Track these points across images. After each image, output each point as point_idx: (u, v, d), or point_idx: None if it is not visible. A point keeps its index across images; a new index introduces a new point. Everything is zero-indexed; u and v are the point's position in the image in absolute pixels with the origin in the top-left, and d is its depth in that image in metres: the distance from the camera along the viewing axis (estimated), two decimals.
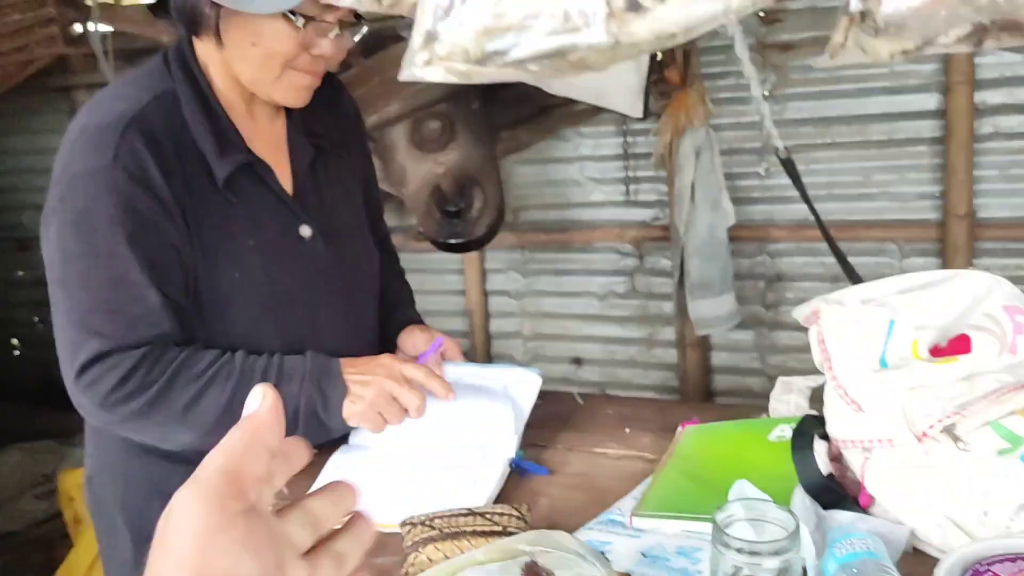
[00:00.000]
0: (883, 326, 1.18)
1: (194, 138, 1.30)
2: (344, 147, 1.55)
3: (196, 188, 1.29)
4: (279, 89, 1.32)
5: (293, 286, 1.38)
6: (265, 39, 1.26)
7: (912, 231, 2.98)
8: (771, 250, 3.17)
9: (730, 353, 3.31)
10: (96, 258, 1.23)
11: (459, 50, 0.44)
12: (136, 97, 1.28)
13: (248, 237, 1.33)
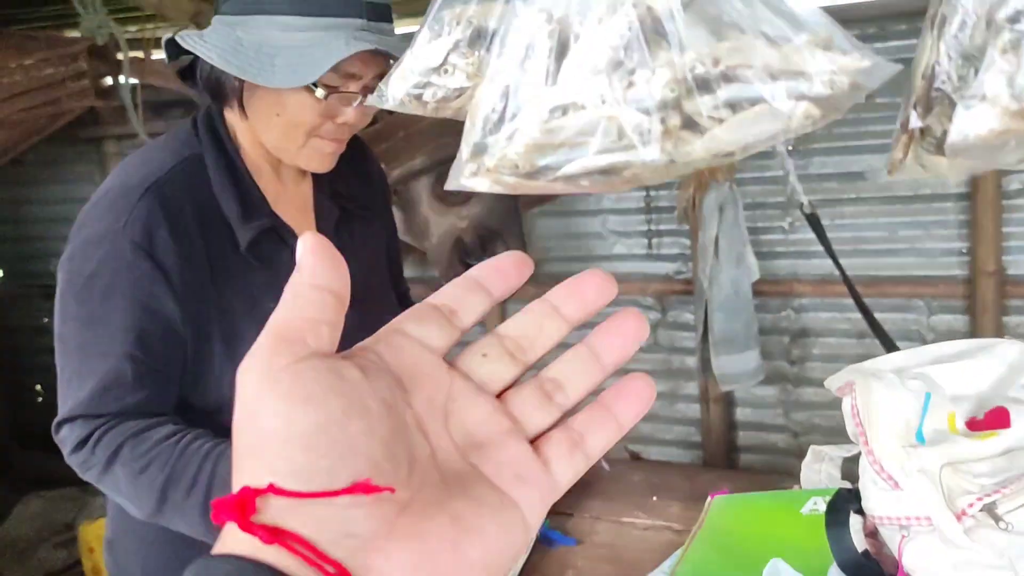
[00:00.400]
0: (919, 400, 1.16)
1: (218, 203, 1.30)
2: (369, 209, 1.55)
3: (218, 253, 1.29)
4: (304, 156, 1.33)
5: None
6: (288, 110, 1.27)
7: (939, 288, 2.95)
8: (796, 305, 3.14)
9: (754, 409, 3.27)
10: (88, 324, 1.23)
11: (508, 163, 0.43)
12: (162, 161, 1.29)
13: (271, 301, 1.32)
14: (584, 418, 0.43)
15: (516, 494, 0.39)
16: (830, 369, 3.13)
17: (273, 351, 0.37)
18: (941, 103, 0.78)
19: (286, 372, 0.36)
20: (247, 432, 0.36)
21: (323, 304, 0.39)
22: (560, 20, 0.48)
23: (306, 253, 0.40)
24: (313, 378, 0.36)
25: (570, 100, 0.44)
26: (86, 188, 3.92)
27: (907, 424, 1.15)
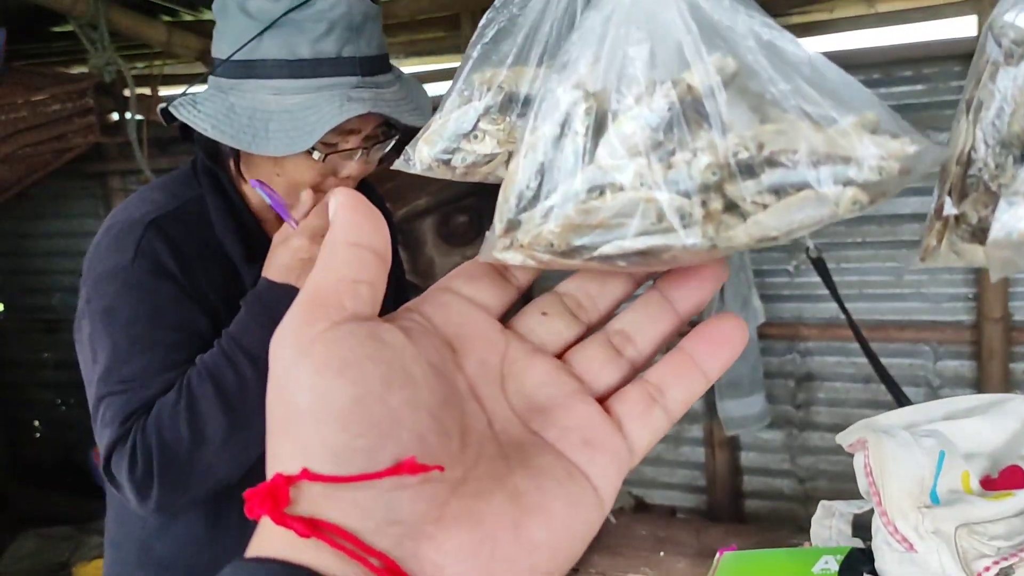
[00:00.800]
0: (932, 458, 1.14)
1: (221, 243, 1.29)
2: None
3: (224, 294, 1.27)
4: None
5: None
6: (287, 171, 1.25)
7: (946, 333, 2.93)
8: (801, 348, 3.12)
9: (759, 453, 3.24)
10: (115, 350, 1.20)
11: (543, 241, 0.42)
12: (163, 202, 1.28)
13: None
14: (662, 369, 0.39)
15: (585, 462, 0.35)
16: (836, 414, 3.13)
17: (307, 317, 0.32)
18: (977, 189, 0.77)
19: (320, 340, 0.32)
20: (278, 410, 0.32)
21: (361, 262, 0.34)
22: (597, 95, 0.47)
23: (340, 209, 0.36)
24: (350, 345, 0.32)
25: (608, 181, 0.43)
26: (89, 223, 3.92)
27: (921, 484, 1.13)
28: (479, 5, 3.25)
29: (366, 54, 1.23)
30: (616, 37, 0.49)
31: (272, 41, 1.19)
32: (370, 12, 1.24)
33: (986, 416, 1.23)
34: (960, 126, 0.83)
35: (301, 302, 0.33)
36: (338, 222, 0.35)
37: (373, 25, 1.26)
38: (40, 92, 3.19)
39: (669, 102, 0.44)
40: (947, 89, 2.84)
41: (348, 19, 1.20)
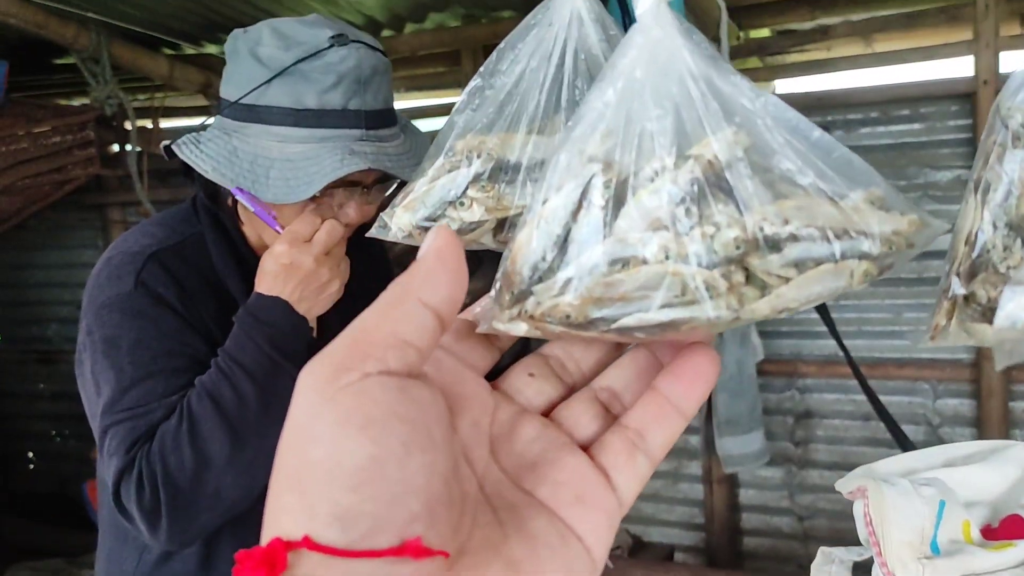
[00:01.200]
0: (933, 508, 1.13)
1: (220, 279, 1.29)
2: (372, 292, 1.53)
3: (223, 331, 1.25)
4: None
5: None
6: (284, 217, 1.24)
7: (945, 371, 2.92)
8: (800, 385, 3.11)
9: (758, 491, 3.21)
10: (119, 378, 1.19)
11: (559, 313, 0.41)
12: (163, 236, 1.28)
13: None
14: (639, 413, 0.38)
15: (577, 521, 0.35)
16: (835, 452, 3.11)
17: (341, 362, 0.30)
18: (986, 269, 0.76)
19: (348, 391, 0.30)
20: (289, 458, 0.30)
21: (423, 325, 0.32)
22: (614, 169, 0.47)
23: (431, 254, 0.33)
24: (377, 400, 0.30)
25: (630, 254, 0.43)
26: (88, 254, 3.92)
27: (922, 534, 1.12)
28: (479, 42, 3.28)
29: (371, 107, 1.23)
30: (632, 110, 0.49)
31: (280, 89, 1.19)
32: (379, 66, 1.25)
33: (986, 463, 1.22)
34: (968, 206, 0.82)
35: (340, 344, 0.31)
36: (420, 269, 0.33)
37: (381, 79, 1.25)
38: (41, 124, 3.20)
39: (693, 176, 0.44)
40: (944, 128, 2.85)
41: (357, 72, 1.20)
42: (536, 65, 0.83)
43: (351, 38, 1.22)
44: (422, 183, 0.79)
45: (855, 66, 2.98)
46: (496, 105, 0.80)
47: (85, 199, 3.85)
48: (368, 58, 1.22)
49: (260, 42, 1.22)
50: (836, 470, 3.01)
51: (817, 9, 2.91)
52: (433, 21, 3.28)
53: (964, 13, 2.77)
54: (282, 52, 1.20)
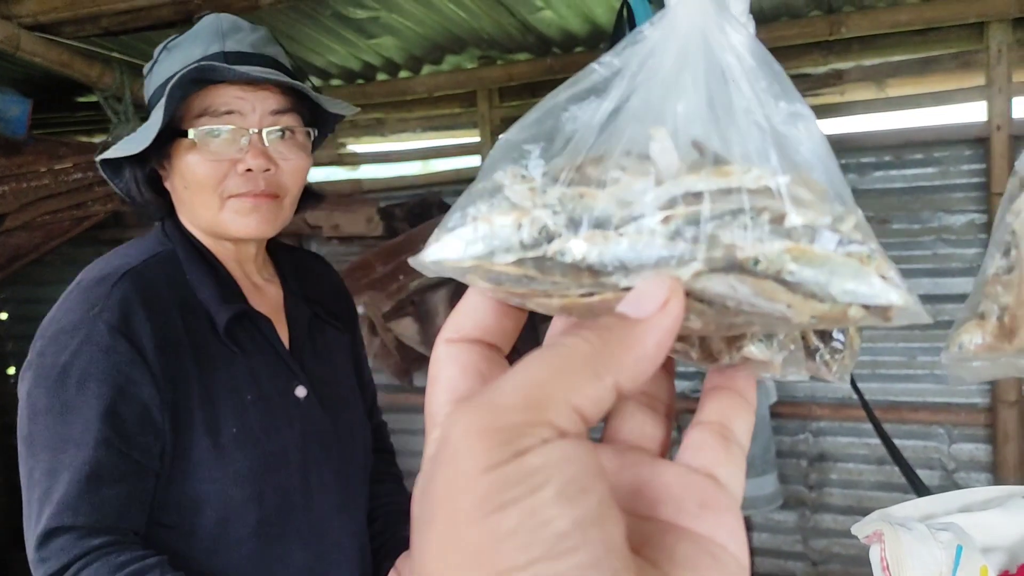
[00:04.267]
0: (950, 553, 1.12)
1: (194, 290, 1.29)
2: (336, 318, 1.52)
3: (199, 338, 1.26)
4: (226, 220, 1.30)
5: (288, 447, 1.31)
6: (186, 175, 1.28)
7: (960, 415, 2.90)
8: (814, 428, 3.09)
9: (771, 535, 3.18)
10: (61, 415, 1.17)
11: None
12: (135, 255, 1.30)
13: (248, 392, 1.29)
14: (714, 406, 0.36)
15: (714, 530, 0.33)
16: (850, 496, 3.08)
17: (518, 425, 0.28)
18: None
19: (533, 455, 0.28)
20: (467, 532, 0.27)
21: (603, 404, 0.30)
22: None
23: (657, 329, 0.31)
24: (566, 461, 0.28)
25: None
26: None
27: None
28: (495, 83, 3.32)
29: (233, 50, 1.28)
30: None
31: (157, 74, 1.31)
32: (242, 24, 1.32)
33: (1004, 509, 1.22)
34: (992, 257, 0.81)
35: (511, 403, 0.29)
36: (627, 339, 0.31)
37: (247, 35, 1.31)
38: (63, 161, 3.24)
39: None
40: (958, 172, 2.86)
41: (215, 25, 1.29)
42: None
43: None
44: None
45: (869, 110, 3.00)
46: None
47: (102, 234, 3.88)
48: (228, 18, 1.31)
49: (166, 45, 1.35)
50: (850, 514, 2.98)
51: (831, 54, 2.94)
52: (450, 63, 3.33)
53: (977, 59, 2.80)
54: (158, 47, 1.34)
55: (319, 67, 3.37)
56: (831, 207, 0.32)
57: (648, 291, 0.31)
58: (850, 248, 0.31)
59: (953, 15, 2.70)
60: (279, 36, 2.95)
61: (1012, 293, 0.34)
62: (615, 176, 0.32)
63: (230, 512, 1.25)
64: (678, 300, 0.31)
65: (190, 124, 1.26)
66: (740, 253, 0.30)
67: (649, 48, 0.36)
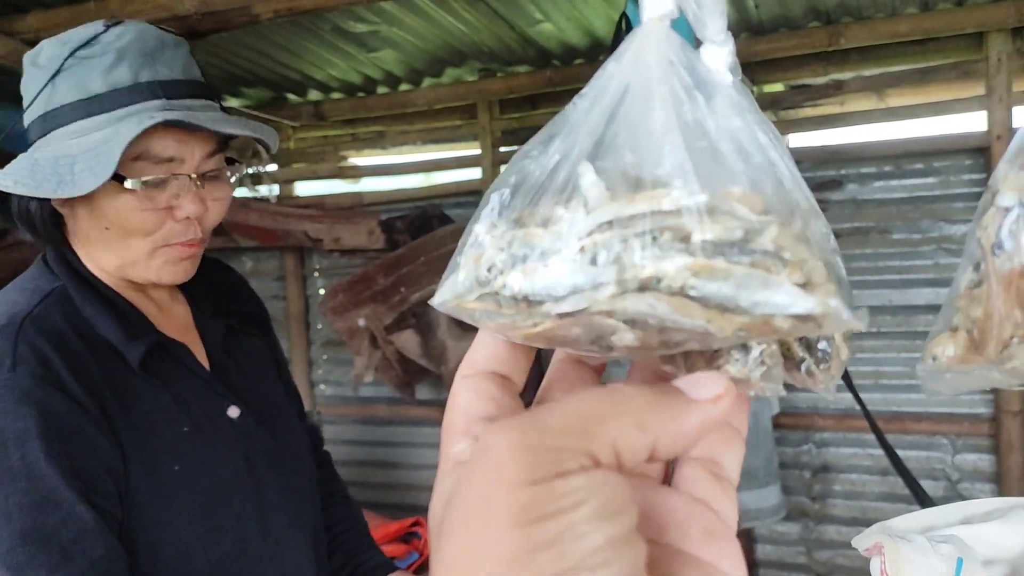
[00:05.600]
0: (951, 566, 1.11)
1: (96, 328, 1.16)
2: (251, 326, 1.43)
3: (116, 380, 1.14)
4: (154, 269, 1.19)
5: (236, 473, 1.23)
6: (112, 218, 1.13)
7: (963, 426, 2.89)
8: (817, 439, 3.08)
9: (775, 546, 3.17)
10: (13, 481, 1.04)
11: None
12: (25, 300, 1.16)
13: (181, 423, 1.19)
14: (701, 441, 0.37)
15: (718, 557, 0.35)
16: (853, 507, 3.07)
17: (561, 448, 0.31)
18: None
19: (573, 477, 0.30)
20: (508, 537, 0.29)
21: (641, 456, 0.33)
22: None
23: (714, 387, 0.34)
24: (604, 485, 0.31)
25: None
26: None
27: None
28: (495, 95, 3.33)
29: (167, 78, 1.15)
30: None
31: (64, 85, 1.13)
32: (167, 40, 1.17)
33: (1005, 520, 1.21)
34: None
35: (556, 429, 0.31)
36: (683, 417, 0.33)
37: (174, 52, 1.17)
38: None
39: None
40: (958, 182, 2.86)
41: (140, 44, 1.13)
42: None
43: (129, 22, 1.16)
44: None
45: (869, 120, 3.00)
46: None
47: None
48: (150, 32, 1.15)
49: (39, 51, 1.16)
50: (854, 526, 2.97)
51: (830, 65, 2.95)
52: (450, 75, 3.34)
53: (976, 69, 2.80)
54: (57, 49, 1.14)
55: (320, 80, 3.38)
56: (751, 221, 0.33)
57: (707, 380, 0.34)
58: (755, 258, 0.32)
59: (952, 25, 2.71)
60: (279, 51, 2.97)
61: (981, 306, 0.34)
62: (558, 214, 0.35)
63: (187, 553, 1.16)
64: (729, 399, 0.34)
65: (125, 168, 1.11)
66: (642, 273, 0.32)
67: (604, 82, 0.38)
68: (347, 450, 3.93)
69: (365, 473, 3.91)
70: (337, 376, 3.85)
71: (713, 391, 0.34)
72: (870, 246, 2.97)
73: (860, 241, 2.99)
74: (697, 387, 0.34)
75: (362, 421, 3.87)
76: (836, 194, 3.01)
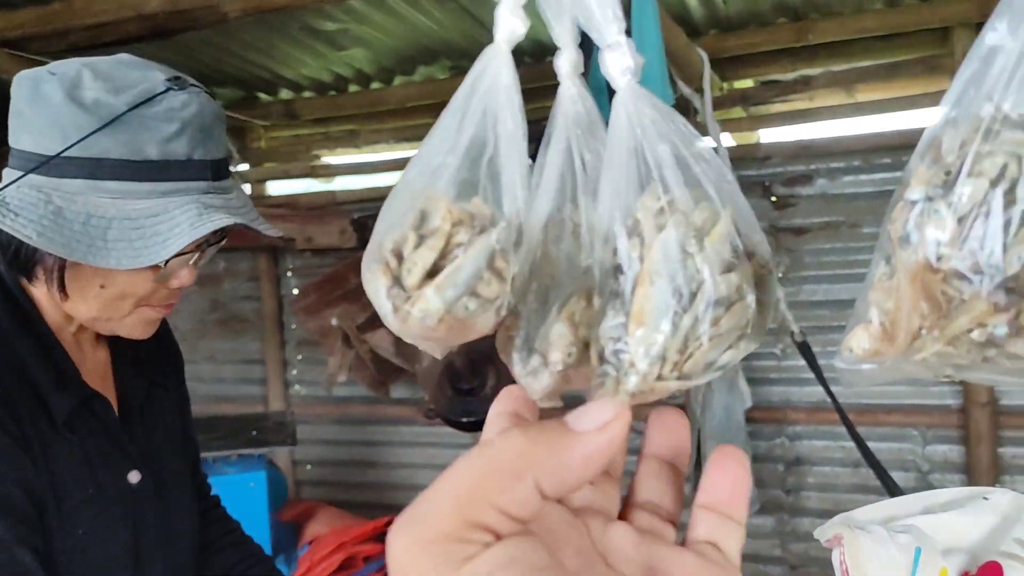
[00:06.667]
0: (908, 555, 1.13)
1: (24, 370, 1.09)
2: (165, 378, 1.35)
3: (38, 428, 1.07)
4: (126, 326, 1.15)
5: (122, 548, 1.16)
6: (118, 284, 1.08)
7: (933, 417, 2.92)
8: (790, 432, 3.10)
9: (749, 539, 3.17)
10: None
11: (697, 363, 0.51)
12: None
13: (87, 486, 1.13)
14: (700, 527, 0.37)
15: None
16: (827, 499, 3.10)
17: (454, 534, 0.30)
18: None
19: (477, 561, 0.29)
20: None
21: (530, 506, 0.31)
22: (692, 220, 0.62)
23: (603, 443, 0.32)
24: (509, 563, 0.29)
25: (724, 294, 0.52)
26: None
27: None
28: None
29: (215, 157, 1.11)
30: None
31: (113, 139, 1.02)
32: (219, 113, 1.13)
33: (964, 510, 1.22)
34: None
35: (441, 513, 0.30)
36: (561, 447, 0.31)
37: (220, 127, 1.13)
38: None
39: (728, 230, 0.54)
40: None
41: (200, 119, 1.07)
42: (513, 129, 0.84)
43: (189, 82, 1.10)
44: (426, 255, 0.76)
45: (837, 115, 3.02)
46: (470, 170, 0.82)
47: None
48: (208, 104, 1.10)
49: (80, 85, 1.04)
50: (828, 518, 2.98)
51: (799, 60, 2.96)
52: (422, 74, 3.33)
53: (943, 63, 2.83)
54: (111, 96, 1.03)
55: (290, 79, 3.36)
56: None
57: (594, 409, 0.32)
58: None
59: (917, 20, 2.73)
60: (249, 50, 2.95)
61: (892, 298, 0.35)
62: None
63: None
64: (621, 424, 0.32)
65: None
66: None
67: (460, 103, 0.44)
68: (323, 450, 3.92)
69: (341, 473, 3.90)
70: (312, 376, 3.84)
71: (601, 418, 0.32)
72: (840, 240, 3.00)
73: (830, 235, 3.01)
74: (583, 417, 0.32)
75: (338, 421, 3.87)
76: (806, 189, 3.03)
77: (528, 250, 0.84)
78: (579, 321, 0.78)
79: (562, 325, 0.80)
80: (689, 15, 2.77)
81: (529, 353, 0.82)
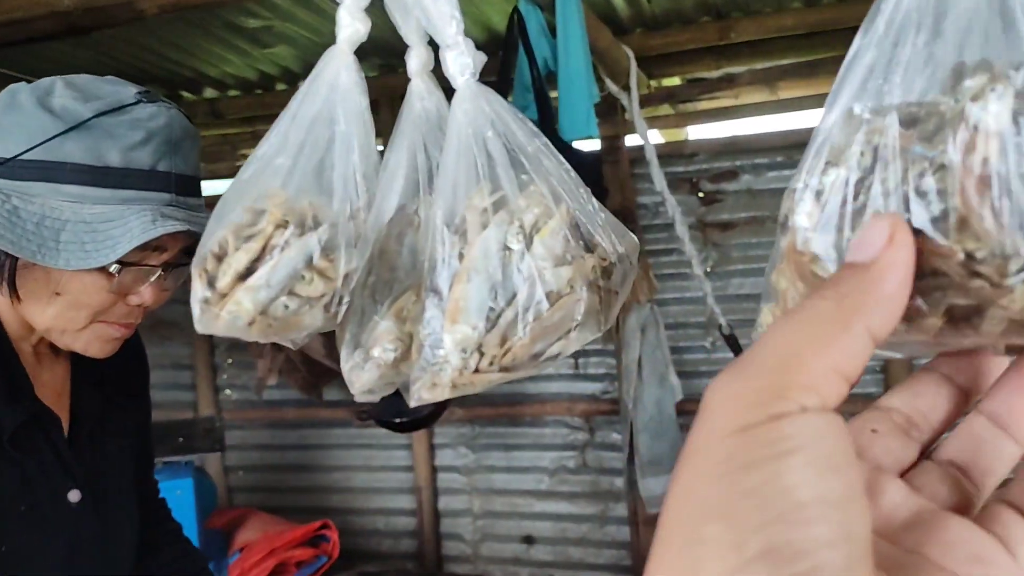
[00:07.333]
0: None
1: None
2: (127, 393, 1.33)
3: None
4: (82, 341, 1.12)
5: (58, 560, 1.15)
6: (71, 291, 1.06)
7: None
8: None
9: None
10: None
11: (515, 356, 0.53)
12: None
13: (20, 502, 1.12)
14: (1019, 489, 0.34)
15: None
16: None
17: (776, 390, 0.28)
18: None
19: (787, 421, 0.28)
20: (713, 486, 0.27)
21: (863, 359, 0.30)
22: (515, 217, 0.60)
23: (897, 267, 0.30)
24: (823, 434, 0.28)
25: (554, 288, 0.54)
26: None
27: None
28: (397, 91, 3.30)
29: (182, 172, 1.09)
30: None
31: (76, 144, 1.03)
32: (190, 130, 1.12)
33: None
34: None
35: (770, 368, 0.29)
36: (878, 288, 0.30)
37: (191, 145, 1.12)
38: None
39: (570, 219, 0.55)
40: None
41: (168, 132, 1.07)
42: (347, 129, 0.86)
43: (160, 98, 1.11)
44: (240, 258, 0.78)
45: (761, 112, 3.09)
46: (303, 170, 0.85)
47: None
48: (179, 119, 1.10)
49: (52, 93, 1.06)
50: None
51: (723, 59, 3.01)
52: None
53: None
54: (79, 104, 1.05)
55: (215, 78, 3.30)
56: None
57: (870, 232, 0.31)
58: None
59: (835, 19, 2.79)
60: (169, 48, 2.89)
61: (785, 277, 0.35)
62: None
63: None
64: (903, 232, 0.30)
65: None
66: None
67: (297, 106, 0.45)
68: (256, 455, 3.86)
69: (275, 479, 3.85)
70: (243, 380, 3.78)
71: (882, 235, 0.30)
72: (766, 234, 3.06)
73: (756, 230, 3.07)
74: (864, 246, 0.31)
75: (270, 425, 3.81)
76: (732, 184, 3.08)
77: (368, 246, 0.85)
78: (407, 316, 0.80)
79: (389, 321, 0.82)
80: (615, 13, 2.79)
81: (355, 347, 0.84)
